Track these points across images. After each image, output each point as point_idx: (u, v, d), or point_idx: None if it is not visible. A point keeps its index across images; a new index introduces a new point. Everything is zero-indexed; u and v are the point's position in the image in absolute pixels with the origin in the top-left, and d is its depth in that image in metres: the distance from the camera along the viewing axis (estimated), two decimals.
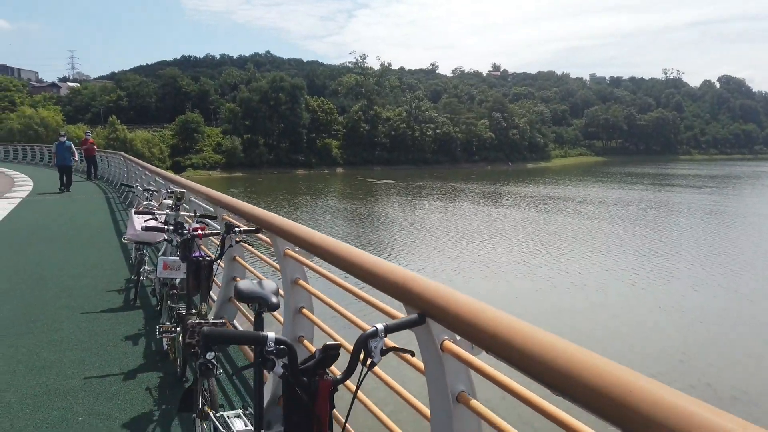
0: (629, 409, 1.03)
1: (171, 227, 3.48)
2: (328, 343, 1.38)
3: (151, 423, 3.17)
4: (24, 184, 19.63)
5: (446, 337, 1.64)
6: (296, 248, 2.95)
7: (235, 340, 1.56)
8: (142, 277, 5.63)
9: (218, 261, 3.21)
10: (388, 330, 1.44)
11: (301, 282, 3.06)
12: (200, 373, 2.76)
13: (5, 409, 3.32)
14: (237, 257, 4.52)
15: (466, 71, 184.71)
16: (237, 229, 3.18)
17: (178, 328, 3.55)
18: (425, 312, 1.60)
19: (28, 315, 5.12)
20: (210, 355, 2.76)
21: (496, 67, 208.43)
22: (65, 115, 77.24)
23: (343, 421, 1.44)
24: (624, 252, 20.11)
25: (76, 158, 19.37)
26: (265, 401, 2.84)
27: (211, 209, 5.10)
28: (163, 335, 3.73)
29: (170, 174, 10.18)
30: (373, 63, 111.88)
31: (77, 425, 3.14)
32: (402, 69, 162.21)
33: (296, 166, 76.60)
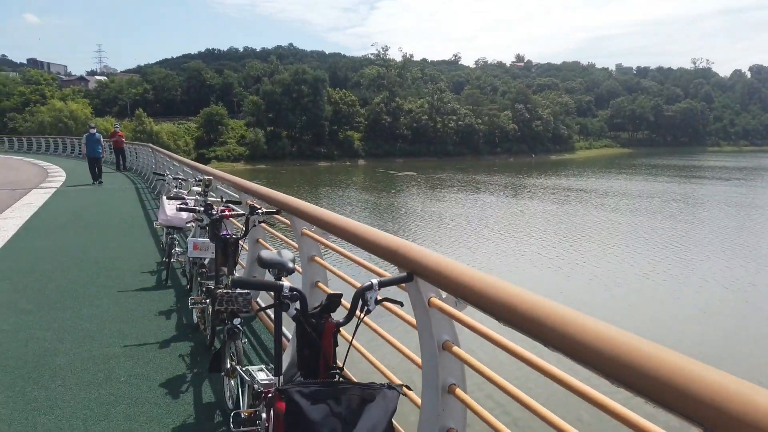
0: (586, 346, 1.29)
1: (201, 208, 3.86)
2: (331, 292, 1.71)
3: (184, 383, 3.57)
4: (57, 175, 20.42)
5: (432, 294, 1.96)
6: (312, 227, 3.30)
7: (257, 286, 1.89)
8: (172, 259, 6.06)
9: (243, 239, 3.59)
10: (382, 284, 1.77)
11: (317, 258, 3.40)
12: (228, 336, 3.13)
13: (57, 371, 3.75)
14: (259, 239, 4.90)
15: (489, 62, 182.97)
16: (260, 210, 3.54)
17: (207, 300, 3.94)
18: (414, 271, 1.93)
19: (71, 292, 5.59)
20: (237, 321, 3.13)
21: (519, 58, 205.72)
22: (93, 108, 78.85)
23: (344, 359, 1.78)
24: (642, 244, 20.07)
25: (105, 150, 19.91)
26: (286, 363, 3.20)
27: (236, 195, 5.49)
28: (195, 306, 4.12)
29: (197, 163, 10.68)
30: (395, 54, 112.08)
31: (120, 384, 3.55)
32: (424, 60, 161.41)
33: (318, 158, 77.26)
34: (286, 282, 1.71)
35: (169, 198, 5.50)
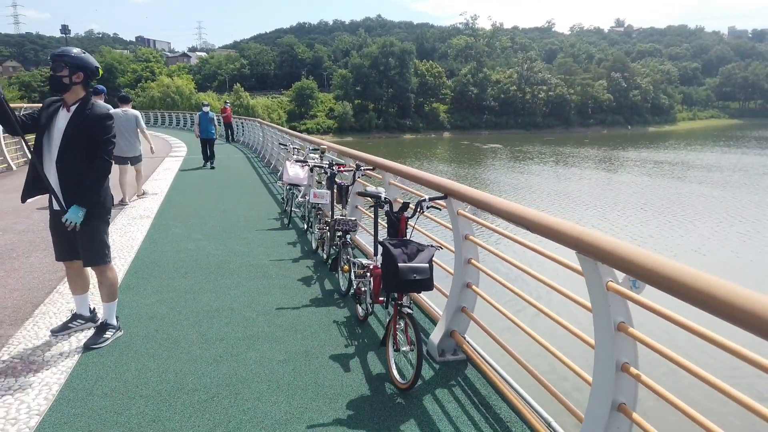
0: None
1: (327, 164, 5.72)
2: (404, 201, 3.44)
3: (312, 278, 5.50)
4: (179, 147, 23.62)
5: (460, 207, 3.63)
6: (398, 178, 5.03)
7: (370, 195, 3.65)
8: (294, 209, 8.08)
9: (351, 186, 5.41)
10: (431, 198, 3.49)
11: (399, 199, 5.14)
12: (342, 246, 4.97)
13: (232, 270, 5.81)
14: (357, 192, 6.73)
15: (585, 28, 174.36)
16: (363, 167, 5.34)
17: (327, 228, 5.84)
18: (448, 194, 3.60)
19: (223, 229, 7.78)
20: (348, 237, 4.96)
21: (619, 23, 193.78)
22: (195, 83, 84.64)
23: (411, 234, 3.51)
24: (729, 220, 20.09)
25: (218, 130, 19.12)
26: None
27: (341, 160, 7.34)
28: (318, 233, 6.07)
29: (307, 136, 12.78)
30: (484, 23, 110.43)
31: (272, 278, 5.53)
32: (515, 28, 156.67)
33: (404, 131, 78.90)
34: (383, 194, 3.46)
35: (297, 161, 7.43)
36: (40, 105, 3.92)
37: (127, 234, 7.35)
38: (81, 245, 3.87)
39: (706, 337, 1.67)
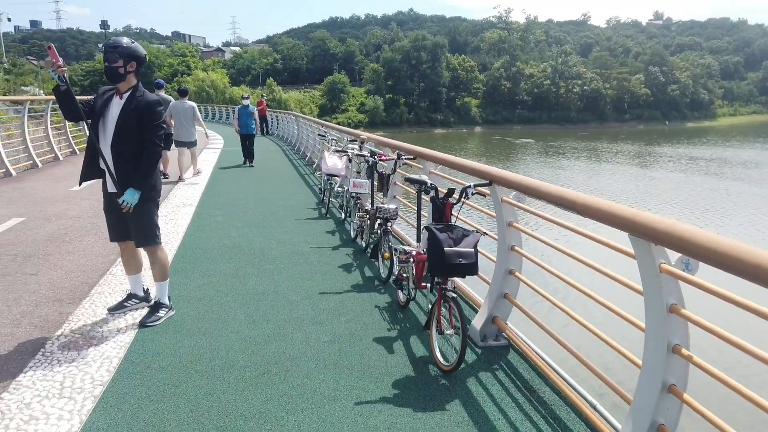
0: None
1: (368, 154, 5.82)
2: (450, 188, 3.50)
3: (353, 265, 5.61)
4: (216, 139, 24.11)
5: (503, 193, 3.67)
6: (438, 167, 5.09)
7: (413, 181, 3.74)
8: (331, 199, 8.21)
9: (392, 175, 5.49)
10: (476, 185, 3.53)
11: (441, 189, 5.20)
12: (383, 234, 5.06)
13: (274, 256, 5.96)
14: (396, 183, 6.80)
15: (622, 21, 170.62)
16: (404, 156, 5.41)
17: (366, 217, 5.94)
18: (492, 180, 3.65)
19: (263, 218, 7.96)
20: (389, 223, 5.05)
21: (658, 15, 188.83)
22: (229, 77, 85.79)
23: (455, 220, 3.57)
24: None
25: (258, 126, 17.66)
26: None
27: (380, 150, 7.43)
28: (358, 221, 6.18)
29: (344, 128, 12.93)
30: (518, 16, 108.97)
31: (313, 265, 5.66)
32: (549, 21, 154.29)
33: (435, 125, 78.55)
34: (428, 180, 3.54)
35: (335, 152, 7.55)
36: (87, 97, 4.10)
37: (172, 221, 7.60)
38: (133, 226, 4.04)
39: (762, 314, 1.69)
